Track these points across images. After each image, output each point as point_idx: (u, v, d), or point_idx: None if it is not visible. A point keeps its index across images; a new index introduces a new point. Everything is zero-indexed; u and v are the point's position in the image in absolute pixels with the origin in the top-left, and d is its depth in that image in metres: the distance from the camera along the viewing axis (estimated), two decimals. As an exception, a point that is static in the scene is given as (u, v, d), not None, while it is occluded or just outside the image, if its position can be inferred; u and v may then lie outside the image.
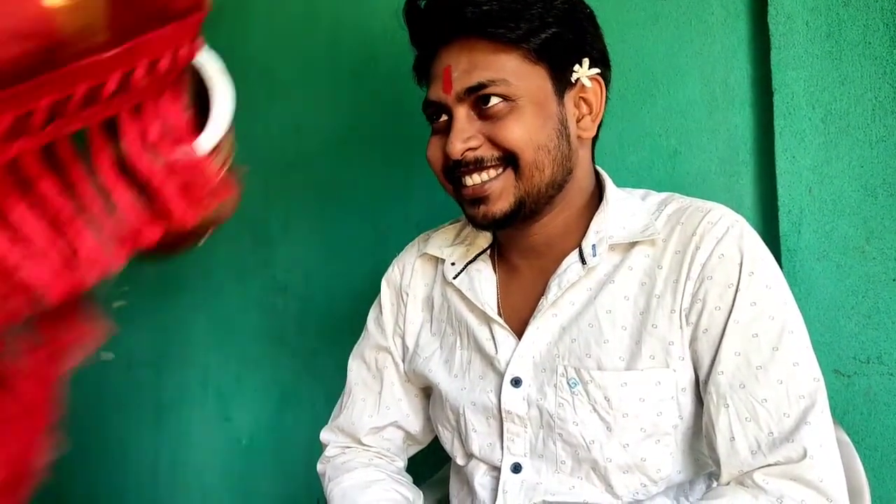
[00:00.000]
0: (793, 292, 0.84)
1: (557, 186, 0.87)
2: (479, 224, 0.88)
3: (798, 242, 1.10)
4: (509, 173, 0.85)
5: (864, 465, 0.95)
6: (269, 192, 1.79)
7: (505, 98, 0.83)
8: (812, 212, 1.09)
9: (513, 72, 0.83)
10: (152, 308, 2.01)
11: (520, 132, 0.83)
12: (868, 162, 1.06)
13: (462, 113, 0.85)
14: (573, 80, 0.87)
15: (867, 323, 1.05)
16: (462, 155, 0.84)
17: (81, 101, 0.39)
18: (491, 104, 0.83)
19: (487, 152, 0.85)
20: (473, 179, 0.86)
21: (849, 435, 0.99)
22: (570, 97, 0.88)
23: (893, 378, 1.03)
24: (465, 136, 0.84)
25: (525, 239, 0.93)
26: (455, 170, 0.86)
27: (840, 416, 1.04)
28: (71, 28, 0.37)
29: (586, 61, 0.87)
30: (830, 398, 0.81)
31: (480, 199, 0.86)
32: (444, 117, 0.88)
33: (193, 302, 1.92)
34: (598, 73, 0.89)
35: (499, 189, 0.85)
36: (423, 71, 0.93)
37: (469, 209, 0.89)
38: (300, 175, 1.74)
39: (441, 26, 0.86)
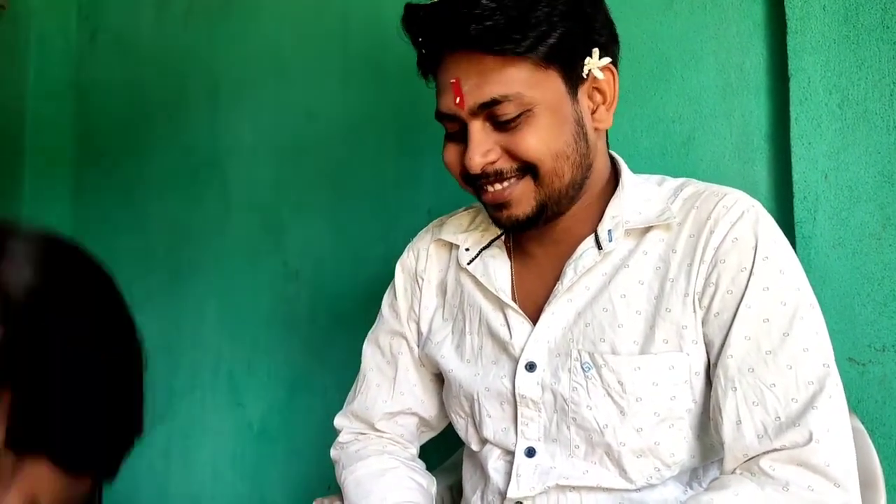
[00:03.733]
0: (808, 279, 0.84)
1: (578, 186, 0.88)
2: (504, 227, 0.89)
3: (813, 229, 1.09)
4: (528, 181, 0.85)
5: (878, 453, 0.94)
6: (281, 178, 1.79)
7: (520, 111, 0.82)
8: (828, 198, 1.08)
9: (524, 83, 0.82)
10: (164, 294, 2.02)
11: (537, 143, 0.82)
12: (885, 148, 1.05)
13: (477, 126, 0.84)
14: (585, 74, 0.86)
15: (883, 311, 1.04)
16: (481, 169, 0.84)
17: None
18: (506, 118, 0.82)
19: (506, 164, 0.84)
20: (494, 187, 0.86)
21: (863, 423, 0.98)
22: (583, 91, 0.87)
23: (909, 366, 1.02)
24: (484, 149, 0.83)
25: (542, 227, 0.92)
26: (476, 180, 0.86)
27: (854, 404, 1.04)
28: None
29: (596, 52, 0.85)
30: (845, 386, 0.80)
31: (502, 204, 0.86)
32: (458, 125, 0.86)
33: (205, 288, 1.93)
34: (609, 62, 0.87)
35: (519, 194, 0.85)
36: (428, 71, 0.91)
37: (493, 212, 0.89)
38: (311, 161, 1.74)
39: (444, 39, 0.84)
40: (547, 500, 0.88)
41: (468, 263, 0.98)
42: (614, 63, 0.89)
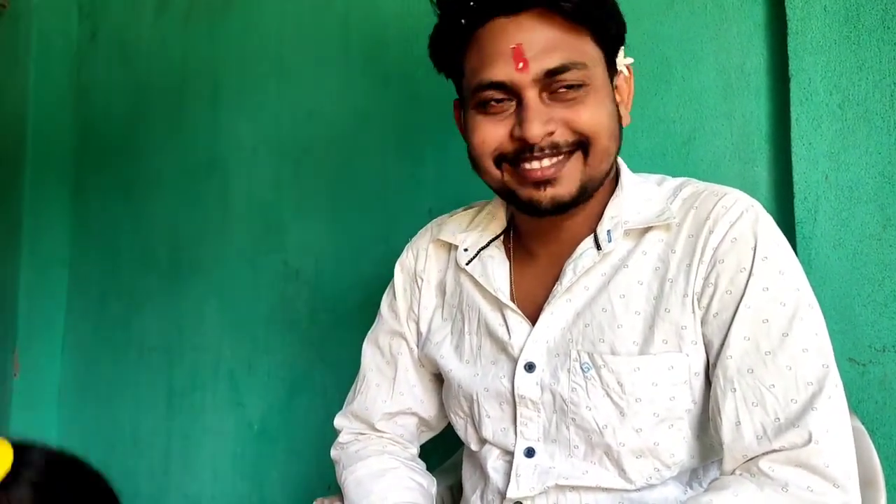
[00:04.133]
0: (808, 280, 0.83)
1: (607, 175, 0.88)
2: (542, 208, 0.84)
3: (814, 230, 1.09)
4: (579, 157, 0.84)
5: (879, 453, 0.94)
6: (281, 177, 1.79)
7: (583, 83, 0.81)
8: (828, 199, 1.08)
9: (588, 55, 0.82)
10: (164, 294, 2.02)
11: (597, 118, 0.82)
12: (886, 148, 1.05)
13: (533, 96, 0.81)
14: (618, 66, 0.87)
15: (883, 311, 1.04)
16: (542, 139, 0.82)
17: None
18: (570, 85, 0.81)
19: (562, 137, 0.82)
20: (542, 163, 0.83)
21: (864, 423, 0.98)
22: (614, 86, 0.88)
23: (909, 367, 1.02)
24: (544, 118, 0.81)
25: (541, 223, 0.91)
26: (520, 154, 0.83)
27: (855, 404, 1.04)
28: None
29: (622, 50, 0.87)
30: (845, 387, 0.80)
31: (548, 181, 0.83)
32: (505, 100, 0.83)
33: (205, 288, 1.93)
34: (631, 62, 0.89)
35: (567, 172, 0.83)
36: (459, 46, 0.87)
37: (532, 192, 0.85)
38: (312, 161, 1.74)
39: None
40: (546, 500, 0.88)
41: (466, 264, 0.98)
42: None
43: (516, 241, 0.98)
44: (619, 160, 0.94)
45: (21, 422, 2.20)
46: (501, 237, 0.98)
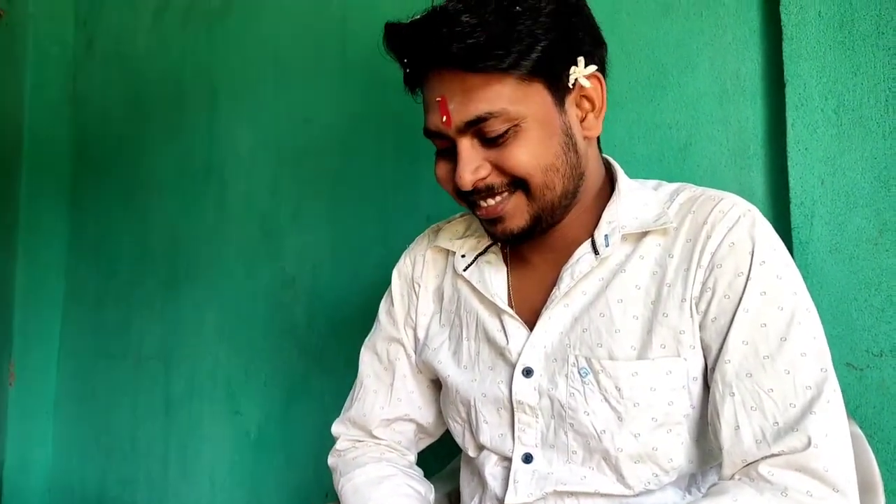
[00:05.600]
0: (805, 285, 0.84)
1: (571, 195, 0.87)
2: (500, 240, 0.89)
3: (810, 235, 1.09)
4: (520, 195, 0.85)
5: (877, 458, 0.94)
6: (278, 183, 1.80)
7: (507, 127, 0.81)
8: (824, 204, 1.08)
9: (509, 98, 0.81)
10: (161, 301, 2.02)
11: (526, 157, 0.82)
12: (881, 153, 1.05)
13: (466, 143, 0.83)
14: (571, 83, 0.85)
15: (880, 316, 1.04)
16: (473, 185, 0.84)
17: None
18: (493, 134, 0.82)
19: (496, 179, 0.84)
20: (487, 203, 0.86)
21: (862, 428, 0.98)
22: (570, 101, 0.86)
23: (906, 371, 1.02)
24: (473, 166, 0.83)
25: (538, 235, 0.92)
26: (468, 195, 0.86)
27: (853, 409, 1.04)
28: None
29: (581, 60, 0.84)
30: (843, 391, 0.80)
31: (497, 219, 0.86)
32: (447, 142, 0.86)
33: (203, 294, 1.93)
34: (595, 70, 0.86)
35: (512, 209, 0.85)
36: (414, 85, 0.90)
37: (487, 227, 0.89)
38: (309, 166, 1.74)
39: (427, 58, 0.83)
40: (544, 506, 0.88)
41: (464, 270, 0.98)
42: (601, 69, 0.88)
43: (512, 247, 0.98)
44: (615, 165, 0.95)
45: (17, 431, 2.20)
46: (498, 243, 0.98)
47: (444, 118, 0.82)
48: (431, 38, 0.80)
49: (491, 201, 0.85)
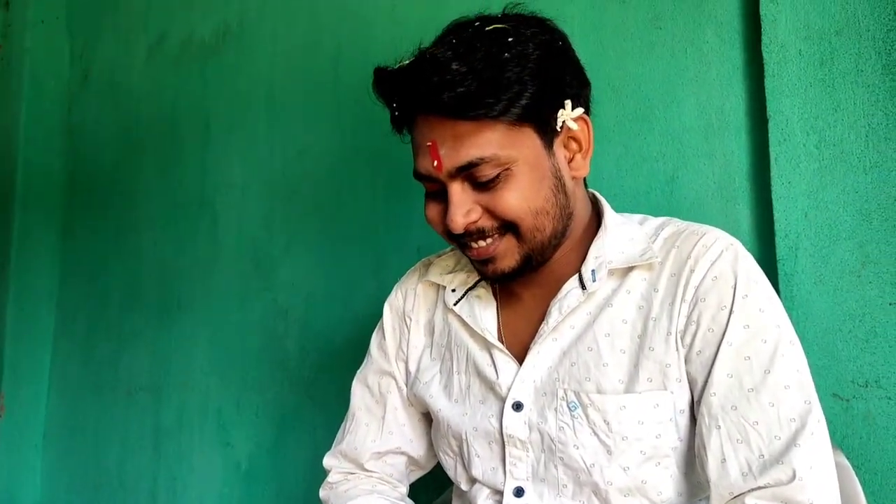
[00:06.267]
0: (790, 316, 0.85)
1: (560, 235, 0.89)
2: (490, 280, 0.90)
3: (795, 267, 1.11)
4: (510, 237, 0.86)
5: (864, 488, 0.95)
6: (272, 215, 1.81)
7: (498, 172, 0.82)
8: (808, 236, 1.10)
9: (500, 144, 0.82)
10: (152, 331, 2.01)
11: (516, 201, 0.83)
12: (863, 187, 1.07)
13: (457, 187, 0.84)
14: (559, 126, 0.86)
15: (865, 347, 1.06)
16: (464, 229, 0.85)
17: None
18: (484, 179, 0.83)
19: (487, 223, 0.85)
20: (478, 244, 0.87)
21: (849, 458, 0.99)
22: (558, 143, 0.87)
23: (892, 402, 1.03)
24: (465, 209, 0.84)
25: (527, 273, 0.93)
26: (459, 238, 0.88)
27: (839, 440, 1.05)
28: None
29: (568, 103, 0.86)
30: (829, 422, 0.81)
31: (488, 260, 0.87)
32: (437, 185, 0.87)
33: (194, 326, 1.93)
34: (582, 113, 0.88)
35: (503, 250, 0.86)
36: (402, 127, 0.91)
37: (478, 267, 0.90)
38: (302, 199, 1.76)
39: (416, 104, 0.84)
40: (536, 539, 0.88)
41: (454, 304, 0.99)
42: (587, 111, 0.90)
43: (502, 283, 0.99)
44: (602, 200, 0.96)
45: (6, 464, 2.17)
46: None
47: (436, 163, 0.83)
48: (421, 86, 0.81)
49: (482, 243, 0.86)
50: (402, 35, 1.55)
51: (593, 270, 0.89)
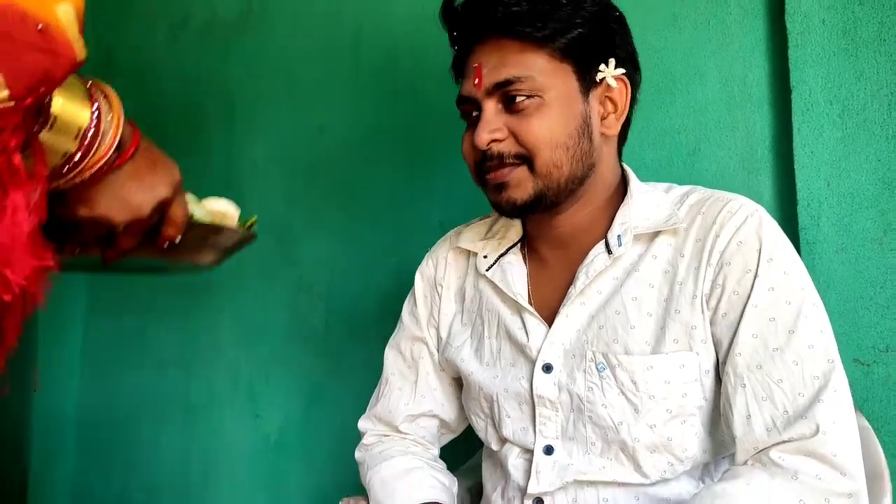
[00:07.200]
0: (813, 283, 0.87)
1: (578, 181, 0.92)
2: (504, 210, 0.93)
3: (817, 235, 1.13)
4: (525, 169, 0.90)
5: (884, 449, 0.97)
6: (293, 192, 1.83)
7: (531, 94, 0.88)
8: (831, 205, 1.12)
9: (540, 69, 0.88)
10: (181, 309, 2.05)
11: (541, 130, 0.88)
12: (885, 156, 1.09)
13: (490, 106, 0.90)
14: (598, 79, 0.92)
15: (885, 313, 1.08)
16: (487, 145, 0.89)
17: None
18: (518, 99, 0.88)
19: (508, 147, 0.90)
20: (496, 171, 0.91)
21: (869, 421, 1.01)
22: (595, 95, 0.92)
23: (912, 366, 1.05)
24: (492, 127, 0.89)
25: (552, 230, 0.97)
26: (483, 164, 0.92)
27: (860, 403, 1.07)
28: None
29: (612, 62, 0.92)
30: (851, 386, 0.83)
31: (502, 185, 0.91)
32: (476, 112, 0.93)
33: (221, 302, 1.96)
34: (623, 74, 0.92)
35: (517, 179, 0.90)
36: (459, 69, 0.98)
37: (493, 195, 0.93)
38: (323, 175, 1.78)
39: (474, 26, 0.92)
40: (565, 495, 0.91)
41: (487, 270, 1.02)
42: (630, 79, 0.94)
43: (531, 248, 1.02)
44: (629, 171, 0.99)
45: (40, 438, 2.23)
46: (519, 244, 1.02)
47: (477, 81, 0.90)
48: (482, 6, 0.90)
49: (500, 170, 0.91)
50: (423, 12, 1.57)
51: (619, 236, 0.92)
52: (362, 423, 1.12)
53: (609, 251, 0.92)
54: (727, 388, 0.83)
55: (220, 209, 0.79)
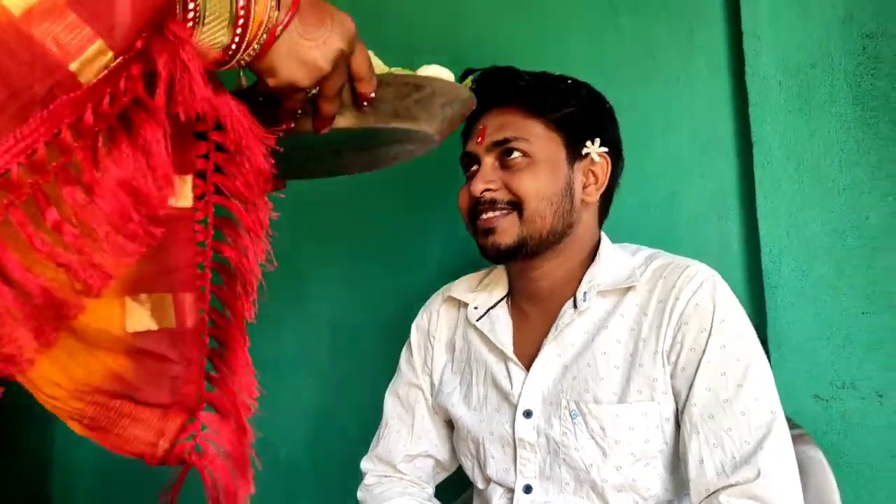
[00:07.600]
0: (774, 324, 0.97)
1: (557, 235, 1.04)
2: (489, 253, 1.05)
3: (779, 280, 1.22)
4: (514, 216, 1.02)
5: (841, 480, 1.05)
6: (298, 230, 1.92)
7: (524, 153, 1.02)
8: (790, 252, 1.22)
9: (535, 134, 1.03)
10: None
11: (531, 183, 1.01)
12: (837, 208, 1.18)
13: (489, 161, 1.04)
14: (584, 153, 1.05)
15: (841, 352, 1.17)
16: (481, 193, 1.02)
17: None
18: (513, 157, 1.02)
19: (500, 195, 1.02)
20: (487, 214, 1.03)
21: (828, 454, 1.09)
22: (580, 167, 1.05)
23: (866, 402, 1.15)
24: (488, 178, 1.03)
25: (533, 284, 1.08)
26: (475, 209, 1.04)
27: (820, 437, 1.16)
28: None
29: (598, 140, 1.05)
30: (811, 421, 0.92)
31: (490, 229, 1.02)
32: (475, 167, 1.06)
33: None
34: (606, 152, 1.06)
35: (504, 225, 1.02)
36: (466, 133, 1.11)
37: (481, 239, 1.05)
38: (328, 214, 1.87)
39: (485, 98, 1.02)
40: (543, 530, 1.01)
41: (477, 320, 1.12)
42: (613, 157, 1.08)
43: (514, 303, 1.13)
44: (604, 236, 1.10)
45: (61, 431, 2.30)
46: (506, 298, 1.13)
47: (480, 139, 1.05)
48: (497, 82, 1.06)
49: (491, 214, 1.03)
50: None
51: (585, 293, 1.03)
52: (364, 464, 1.22)
53: (575, 306, 1.03)
54: (684, 434, 0.93)
55: (430, 73, 0.74)
